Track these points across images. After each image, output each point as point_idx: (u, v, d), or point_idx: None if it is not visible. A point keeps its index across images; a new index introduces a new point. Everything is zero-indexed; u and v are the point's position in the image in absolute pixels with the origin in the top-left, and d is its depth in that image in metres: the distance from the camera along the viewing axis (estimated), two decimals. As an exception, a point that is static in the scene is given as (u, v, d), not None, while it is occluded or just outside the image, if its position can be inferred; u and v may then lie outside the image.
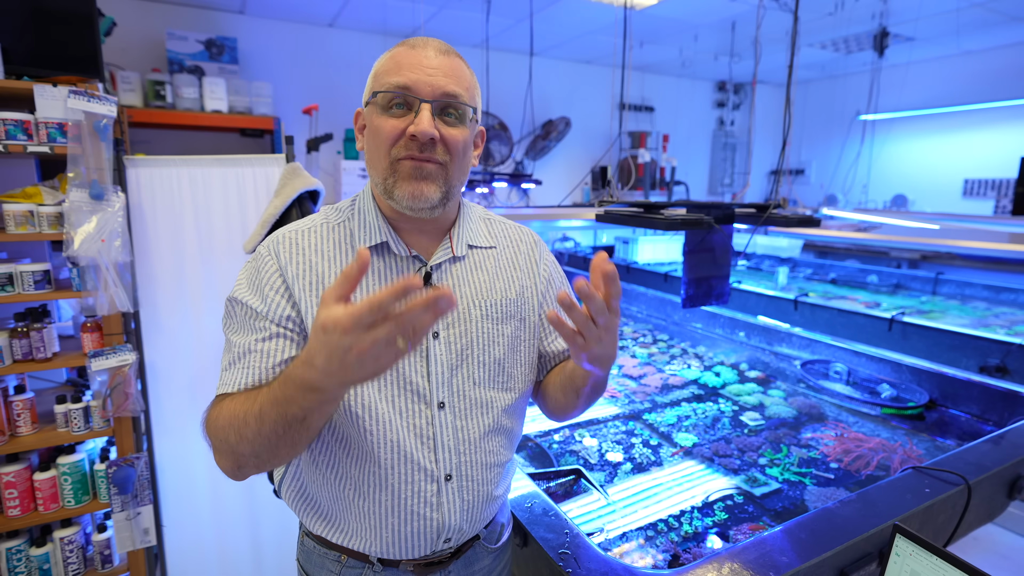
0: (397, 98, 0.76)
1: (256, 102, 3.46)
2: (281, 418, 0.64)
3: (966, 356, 2.47)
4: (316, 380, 0.59)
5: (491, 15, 3.85)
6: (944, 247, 3.24)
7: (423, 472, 0.82)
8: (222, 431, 0.70)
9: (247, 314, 0.78)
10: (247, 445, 0.68)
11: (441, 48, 0.78)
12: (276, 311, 0.77)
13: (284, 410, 0.64)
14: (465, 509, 0.86)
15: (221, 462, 0.74)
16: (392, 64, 0.77)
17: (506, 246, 0.94)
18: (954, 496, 1.19)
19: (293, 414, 0.64)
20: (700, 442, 1.74)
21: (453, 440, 0.83)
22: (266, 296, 0.78)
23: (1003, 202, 4.89)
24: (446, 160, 0.78)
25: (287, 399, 0.63)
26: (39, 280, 1.64)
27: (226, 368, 0.77)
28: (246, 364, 0.75)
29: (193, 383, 1.88)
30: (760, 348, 2.58)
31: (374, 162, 0.79)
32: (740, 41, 4.53)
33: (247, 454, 0.69)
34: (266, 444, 0.67)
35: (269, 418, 0.65)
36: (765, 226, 1.73)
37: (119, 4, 3.48)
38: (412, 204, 0.77)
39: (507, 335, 0.88)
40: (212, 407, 0.75)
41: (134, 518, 1.75)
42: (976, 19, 4.00)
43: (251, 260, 0.82)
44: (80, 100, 1.55)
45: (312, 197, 1.77)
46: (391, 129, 0.75)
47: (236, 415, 0.68)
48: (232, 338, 0.78)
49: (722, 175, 6.27)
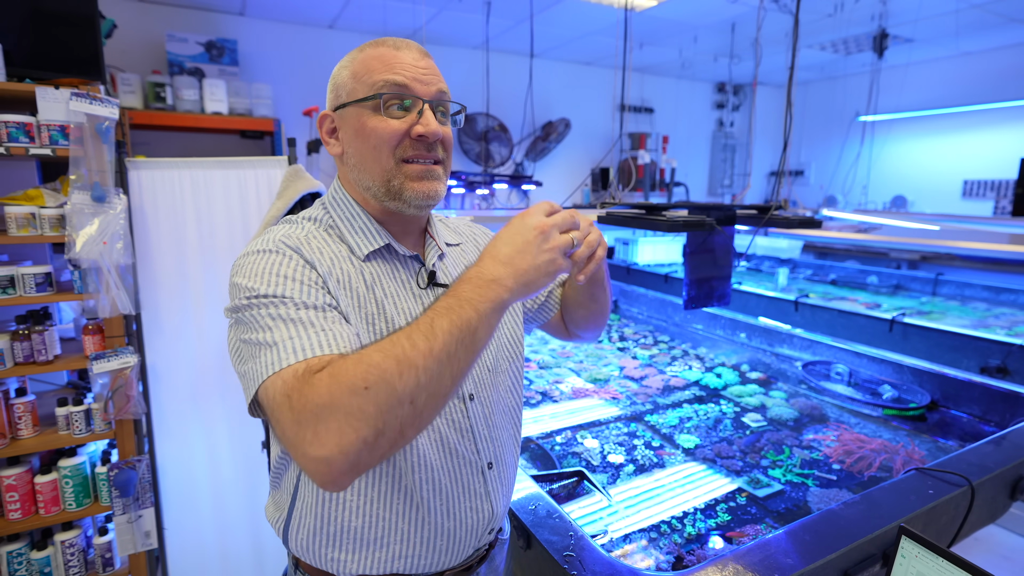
0: (396, 99, 0.75)
1: (256, 104, 3.46)
2: (454, 326, 0.59)
3: (967, 357, 2.47)
4: (495, 270, 0.64)
5: (491, 16, 3.86)
6: (944, 248, 3.24)
7: (470, 465, 0.82)
8: (375, 369, 0.56)
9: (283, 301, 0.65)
10: (411, 376, 0.56)
11: (421, 51, 0.80)
12: (325, 300, 0.68)
13: (459, 315, 0.60)
14: (504, 494, 0.89)
15: (343, 433, 0.54)
16: (380, 64, 0.75)
17: (469, 240, 0.98)
18: (957, 497, 1.19)
19: (467, 319, 0.60)
20: (702, 443, 1.74)
21: (486, 428, 0.85)
22: (305, 285, 0.68)
23: (1002, 203, 4.90)
24: (444, 157, 0.80)
25: (461, 302, 0.61)
26: (40, 282, 1.64)
27: (291, 337, 0.62)
28: (328, 329, 0.63)
29: (195, 385, 1.88)
30: (761, 349, 2.58)
31: (368, 165, 0.76)
32: (740, 42, 4.53)
33: (405, 396, 0.56)
34: (435, 368, 0.57)
35: (442, 329, 0.58)
36: (766, 227, 1.73)
37: (119, 6, 3.49)
38: (424, 203, 0.78)
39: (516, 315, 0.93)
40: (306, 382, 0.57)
41: (135, 521, 1.74)
42: (975, 20, 4.01)
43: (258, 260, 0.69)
44: (82, 102, 1.55)
45: (314, 199, 1.77)
46: (394, 130, 0.74)
47: (395, 342, 0.58)
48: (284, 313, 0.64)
49: (722, 176, 6.28)
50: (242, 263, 0.71)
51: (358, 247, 0.78)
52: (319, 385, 0.56)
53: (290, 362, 0.60)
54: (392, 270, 0.81)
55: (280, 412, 0.58)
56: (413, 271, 0.83)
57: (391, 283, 0.80)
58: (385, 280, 0.79)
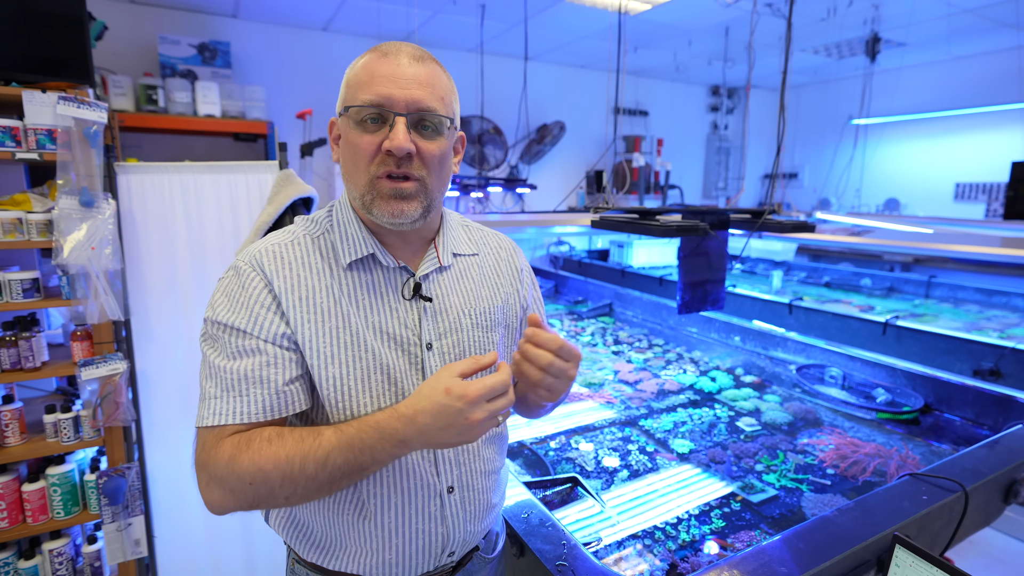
0: (370, 113, 0.73)
1: (249, 106, 3.44)
2: (347, 465, 0.67)
3: (960, 360, 2.48)
4: (411, 436, 0.67)
5: (486, 20, 3.86)
6: (938, 251, 3.26)
7: (427, 487, 0.81)
8: (261, 474, 0.66)
9: (234, 336, 0.72)
10: (289, 488, 0.67)
11: (415, 55, 0.75)
12: (269, 329, 0.73)
13: (356, 458, 0.67)
14: (467, 520, 0.85)
15: (226, 500, 0.69)
16: (365, 75, 0.74)
17: (488, 253, 0.94)
18: (951, 503, 1.18)
19: (362, 462, 0.67)
20: (697, 448, 1.74)
21: (453, 452, 0.83)
22: (255, 314, 0.73)
23: (994, 206, 4.93)
24: (423, 175, 0.76)
25: (364, 448, 0.67)
26: (28, 288, 1.62)
27: (215, 396, 0.71)
28: (244, 395, 0.71)
29: (185, 392, 1.86)
30: (755, 353, 2.58)
31: (352, 177, 0.77)
32: (733, 46, 4.55)
33: (280, 496, 0.67)
34: (314, 489, 0.68)
35: (335, 465, 0.67)
36: (760, 232, 1.73)
37: (111, 8, 3.46)
38: (392, 222, 0.76)
39: (495, 343, 0.88)
40: (216, 444, 0.69)
41: (125, 529, 1.72)
42: (967, 25, 4.04)
43: (229, 277, 0.77)
44: (70, 106, 1.53)
45: (306, 204, 1.76)
46: (367, 145, 0.73)
47: (288, 459, 0.66)
48: (219, 362, 0.72)
49: (716, 179, 6.30)
50: (220, 279, 0.79)
51: (343, 255, 0.79)
52: (220, 458, 0.68)
53: (209, 423, 0.71)
54: (373, 281, 0.80)
55: (195, 452, 0.73)
56: (399, 282, 0.81)
57: (367, 294, 0.79)
58: (361, 291, 0.78)
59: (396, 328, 0.79)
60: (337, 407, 0.76)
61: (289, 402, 0.73)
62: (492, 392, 0.66)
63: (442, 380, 0.66)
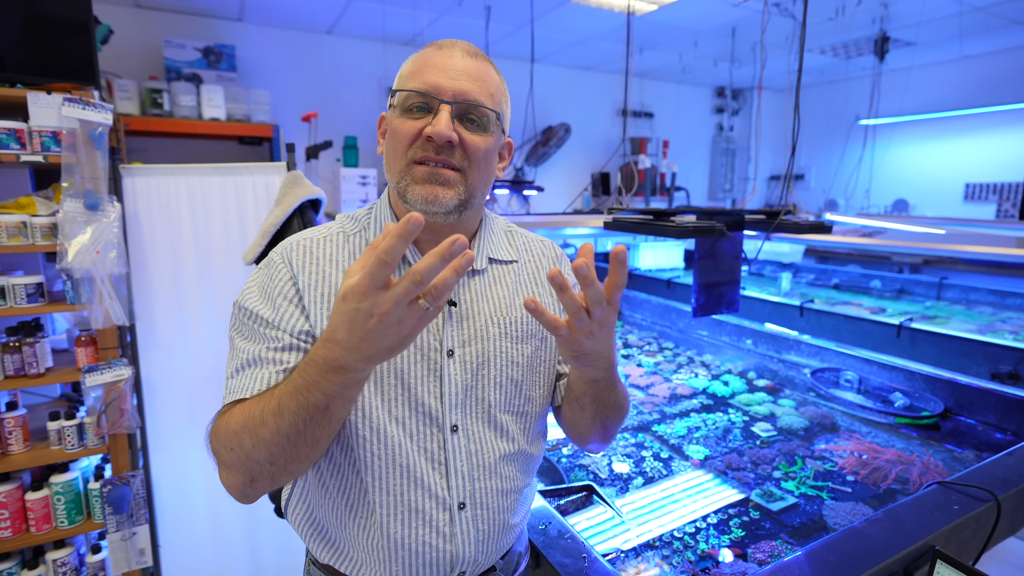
0: (416, 99, 0.72)
1: (254, 109, 3.43)
2: (302, 408, 0.60)
3: (976, 363, 2.43)
4: (339, 357, 0.56)
5: (491, 21, 3.83)
6: (952, 252, 3.21)
7: (435, 500, 0.77)
8: (235, 437, 0.64)
9: (256, 322, 0.74)
10: (263, 448, 0.63)
11: (469, 51, 0.75)
12: (288, 322, 0.73)
13: (306, 398, 0.60)
14: (480, 540, 0.81)
15: (230, 478, 0.68)
16: (417, 65, 0.74)
17: (528, 260, 0.90)
18: (983, 512, 1.14)
19: (315, 401, 0.60)
20: (712, 455, 1.70)
21: (467, 466, 0.79)
22: (277, 305, 0.74)
23: (1005, 206, 4.87)
24: (464, 166, 0.73)
25: (308, 385, 0.59)
26: (32, 293, 1.59)
27: (231, 375, 0.72)
28: (256, 372, 0.71)
29: (191, 398, 1.83)
30: (768, 356, 2.54)
31: (391, 164, 0.76)
32: (740, 47, 4.52)
33: (263, 460, 0.63)
34: (285, 443, 0.62)
35: (289, 410, 0.61)
36: (775, 233, 1.70)
37: (117, 12, 3.46)
38: (425, 208, 0.72)
39: (527, 355, 0.83)
40: (219, 416, 0.70)
41: (129, 538, 1.69)
42: (977, 23, 4.00)
43: (263, 266, 0.79)
44: (75, 108, 1.51)
45: (314, 206, 1.73)
46: (409, 130, 0.72)
47: (251, 415, 0.63)
48: (240, 344, 0.74)
49: (722, 180, 6.26)
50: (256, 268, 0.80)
51: None
52: (215, 430, 0.69)
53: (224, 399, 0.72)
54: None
55: None
56: None
57: None
58: None
59: None
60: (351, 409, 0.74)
61: None
62: (374, 275, 0.51)
63: (342, 286, 0.55)
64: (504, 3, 3.56)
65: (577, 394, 0.81)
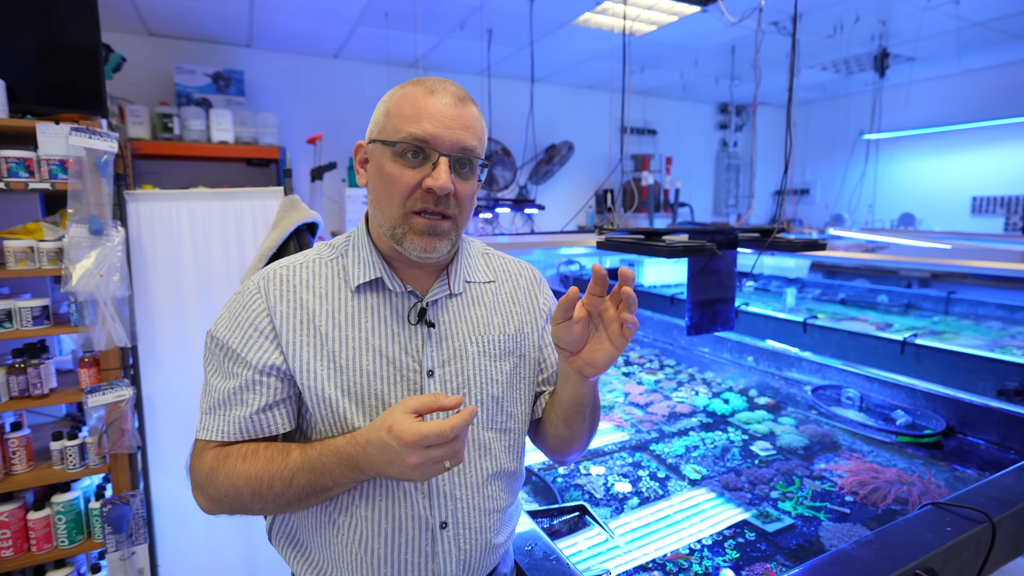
0: (413, 148, 0.74)
1: (262, 132, 3.51)
2: (311, 484, 0.70)
3: (983, 380, 2.39)
4: (363, 464, 0.68)
5: (493, 44, 3.91)
6: (958, 267, 3.18)
7: (417, 519, 0.78)
8: (233, 488, 0.71)
9: (225, 354, 0.76)
10: (260, 502, 0.71)
11: (459, 95, 0.77)
12: (255, 355, 0.75)
13: (317, 479, 0.70)
14: (462, 559, 0.81)
15: (209, 507, 0.75)
16: (410, 109, 0.74)
17: (505, 280, 0.92)
18: (977, 534, 1.13)
19: (324, 484, 0.70)
20: (709, 474, 1.68)
21: (449, 485, 0.80)
22: (248, 337, 0.76)
23: (1013, 219, 4.83)
24: (455, 213, 0.77)
25: (324, 469, 0.69)
26: (38, 316, 1.63)
27: (205, 412, 0.77)
28: (225, 415, 0.75)
29: (191, 419, 1.85)
30: (769, 373, 2.52)
31: (384, 207, 0.77)
32: (740, 64, 4.56)
33: (253, 508, 0.72)
34: (283, 504, 0.71)
35: (299, 484, 0.70)
36: (770, 251, 1.70)
37: (131, 40, 3.57)
38: (423, 256, 0.76)
39: (506, 372, 0.85)
40: (201, 454, 0.75)
41: (128, 558, 1.71)
42: (977, 38, 4.01)
43: (238, 294, 0.80)
44: (81, 137, 1.56)
45: (311, 229, 1.77)
46: (408, 179, 0.74)
47: (258, 477, 0.70)
48: (211, 379, 0.77)
49: (726, 196, 6.26)
50: (231, 297, 0.82)
51: (353, 278, 0.80)
52: (202, 468, 0.74)
53: (199, 436, 0.77)
54: (379, 304, 0.80)
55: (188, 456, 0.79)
56: (406, 306, 0.81)
57: (370, 317, 0.79)
58: (365, 314, 0.79)
59: (395, 353, 0.78)
60: (334, 428, 0.77)
61: (264, 426, 0.76)
62: (426, 440, 0.63)
63: (393, 414, 0.66)
64: (505, 26, 3.63)
65: (566, 408, 0.85)
